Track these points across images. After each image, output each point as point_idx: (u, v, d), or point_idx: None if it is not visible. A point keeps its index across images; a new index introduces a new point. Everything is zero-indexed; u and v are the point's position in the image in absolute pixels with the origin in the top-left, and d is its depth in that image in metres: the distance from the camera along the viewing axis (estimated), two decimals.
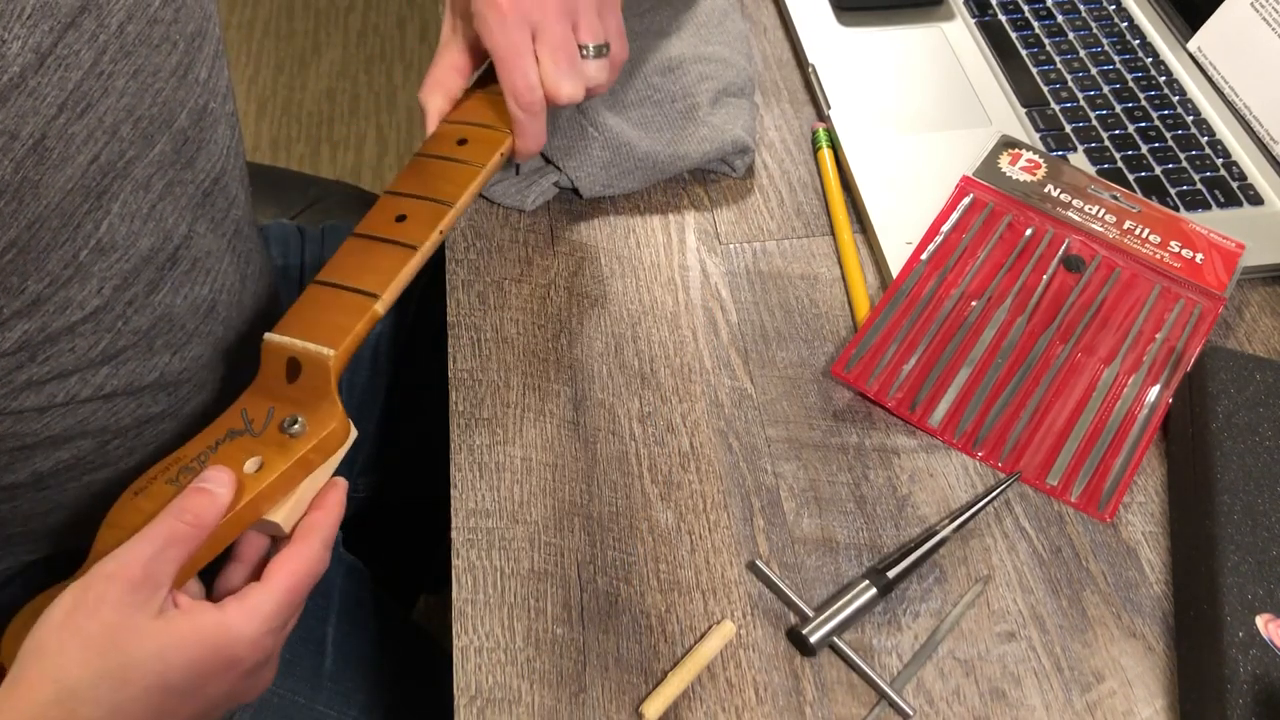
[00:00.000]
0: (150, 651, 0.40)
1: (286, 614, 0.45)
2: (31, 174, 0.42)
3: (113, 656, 0.40)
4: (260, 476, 0.46)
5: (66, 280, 0.47)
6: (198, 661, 0.42)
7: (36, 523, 0.58)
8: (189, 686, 0.42)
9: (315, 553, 0.46)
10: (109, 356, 0.52)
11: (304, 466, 0.48)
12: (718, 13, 0.75)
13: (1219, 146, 0.70)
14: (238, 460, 0.47)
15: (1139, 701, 0.48)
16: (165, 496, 0.45)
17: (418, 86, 0.62)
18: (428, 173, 0.56)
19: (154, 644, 0.41)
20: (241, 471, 0.46)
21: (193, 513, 0.43)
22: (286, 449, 0.47)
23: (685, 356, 0.59)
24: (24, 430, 0.51)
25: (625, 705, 0.47)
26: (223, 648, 0.42)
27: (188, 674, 0.41)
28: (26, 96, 0.41)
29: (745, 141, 0.67)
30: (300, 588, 0.45)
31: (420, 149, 0.58)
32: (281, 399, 0.49)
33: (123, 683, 0.40)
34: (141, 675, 0.40)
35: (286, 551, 0.46)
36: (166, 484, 0.46)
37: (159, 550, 0.42)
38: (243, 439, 0.47)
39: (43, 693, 0.39)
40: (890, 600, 0.51)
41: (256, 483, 0.46)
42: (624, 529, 0.53)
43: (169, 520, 0.43)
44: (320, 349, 0.49)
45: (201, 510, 0.44)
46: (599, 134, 0.65)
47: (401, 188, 0.55)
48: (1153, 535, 0.54)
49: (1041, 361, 0.59)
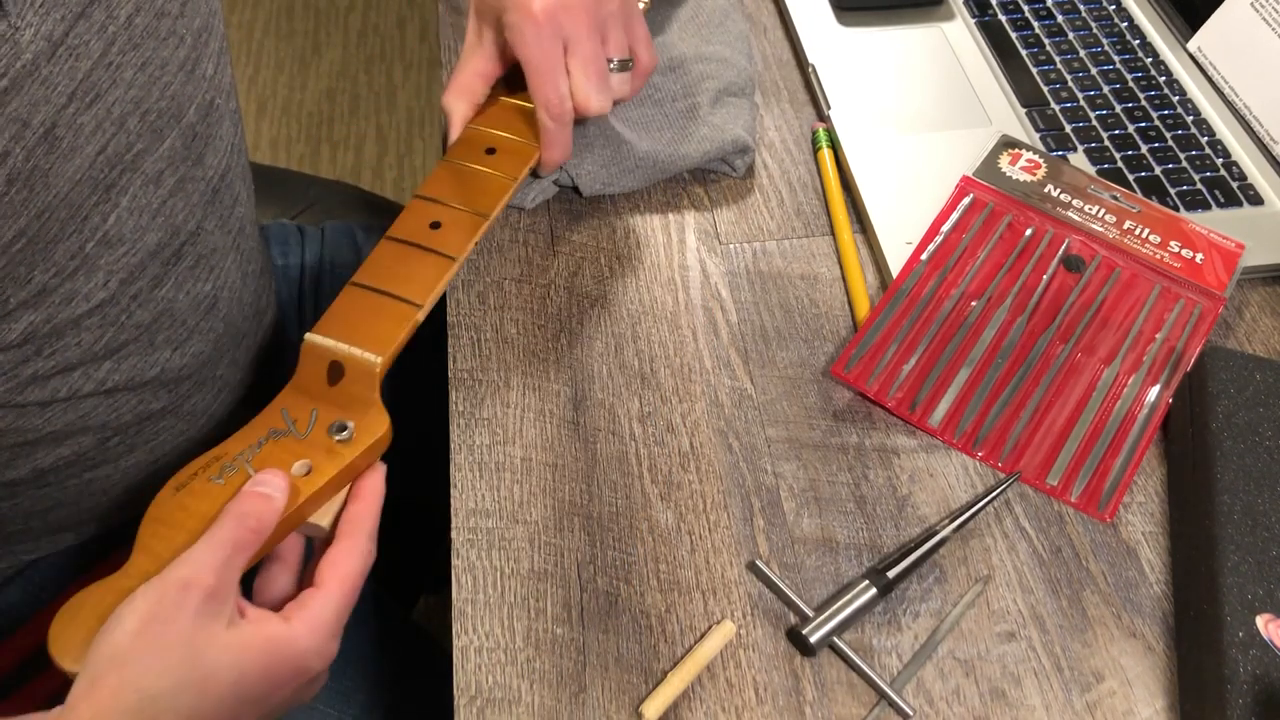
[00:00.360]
0: (226, 662, 0.41)
1: (346, 615, 0.46)
2: (42, 163, 0.42)
3: (193, 667, 0.41)
4: (310, 481, 0.46)
5: (73, 272, 0.47)
6: (270, 670, 0.43)
7: (36, 520, 0.58)
8: (260, 694, 0.43)
9: (364, 548, 0.47)
10: (111, 350, 0.52)
11: (351, 472, 0.48)
12: (719, 12, 0.75)
13: (1219, 146, 0.70)
14: (284, 462, 0.47)
15: (1139, 701, 0.48)
16: (211, 494, 0.45)
17: (418, 86, 0.62)
18: (459, 181, 0.57)
19: (229, 655, 0.41)
20: (290, 474, 0.46)
21: (255, 517, 0.44)
22: (335, 454, 0.47)
23: (685, 356, 0.59)
24: (26, 425, 0.51)
25: (625, 705, 0.47)
26: (292, 658, 0.43)
27: (261, 683, 0.42)
28: (39, 85, 0.41)
29: (746, 141, 0.67)
30: (356, 587, 0.46)
31: (448, 154, 0.59)
32: (323, 401, 0.49)
33: (201, 693, 0.41)
34: (218, 685, 0.41)
35: (336, 551, 0.46)
36: (209, 481, 0.46)
37: (228, 557, 0.43)
38: (287, 440, 0.48)
39: (125, 701, 0.39)
40: (890, 600, 0.51)
41: (307, 486, 0.46)
42: (624, 529, 0.53)
43: (232, 524, 0.43)
44: (367, 355, 0.49)
45: (263, 514, 0.44)
46: (600, 132, 0.65)
47: (433, 193, 0.56)
48: (1153, 535, 0.54)
49: (1041, 361, 0.59)
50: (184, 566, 0.42)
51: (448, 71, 0.74)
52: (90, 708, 0.39)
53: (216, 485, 0.46)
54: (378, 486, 0.49)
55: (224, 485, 0.46)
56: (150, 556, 0.44)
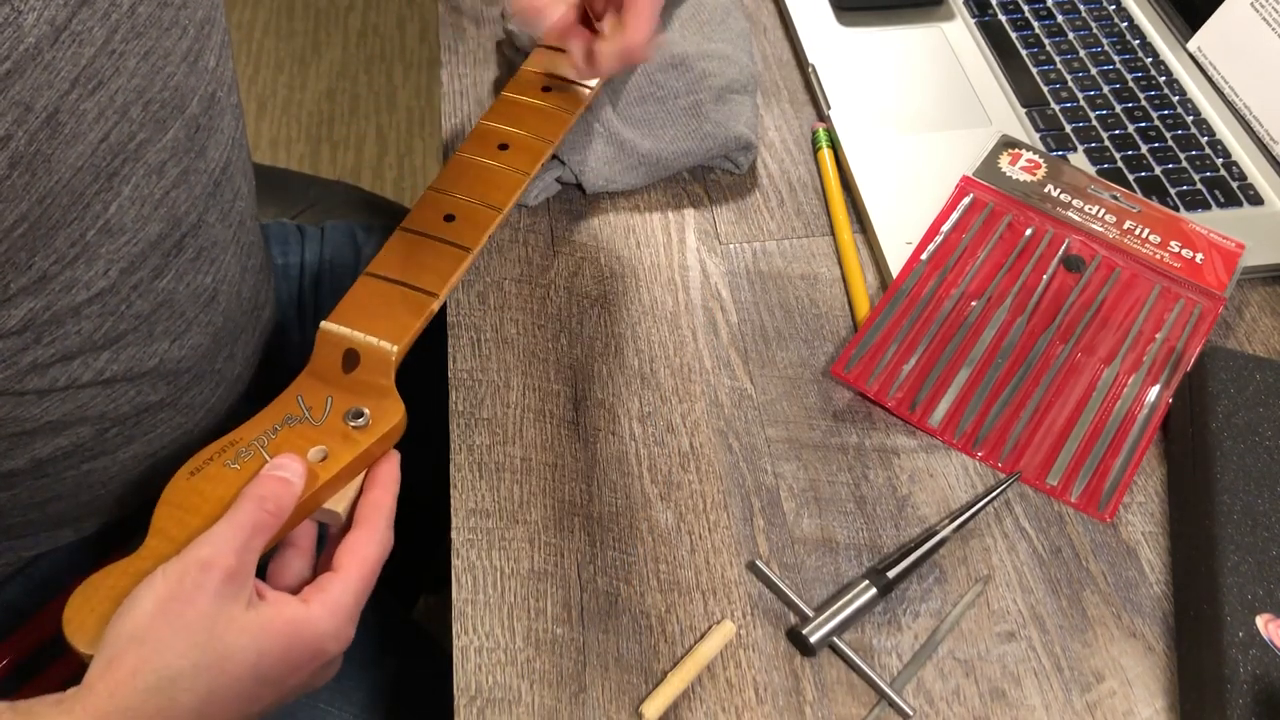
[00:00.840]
0: (245, 644, 0.42)
1: (364, 601, 0.46)
2: (44, 148, 0.43)
3: (212, 648, 0.41)
4: (327, 466, 0.47)
5: (73, 259, 0.47)
6: (288, 652, 0.43)
7: (35, 512, 0.58)
8: (277, 676, 0.43)
9: (382, 535, 0.47)
10: (111, 340, 0.52)
11: (367, 459, 0.49)
12: (720, 10, 0.75)
13: (1219, 146, 0.70)
14: (300, 448, 0.47)
15: (1139, 701, 0.48)
16: (226, 479, 0.46)
17: (418, 86, 0.63)
18: (472, 175, 0.58)
19: (248, 637, 0.42)
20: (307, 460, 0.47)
21: (274, 500, 0.44)
22: (351, 441, 0.48)
23: (685, 356, 0.59)
24: (25, 415, 0.51)
25: (625, 705, 0.47)
26: (310, 641, 0.43)
27: (278, 664, 0.43)
28: (42, 70, 0.41)
29: (748, 138, 0.67)
30: (374, 573, 0.46)
31: (461, 148, 0.60)
32: (339, 388, 0.50)
33: (220, 673, 0.41)
34: (236, 666, 0.41)
35: (355, 537, 0.47)
36: (225, 466, 0.46)
37: (248, 539, 0.43)
38: (302, 426, 0.48)
39: (144, 680, 0.40)
40: (890, 600, 0.51)
41: (324, 472, 0.47)
42: (624, 529, 0.53)
43: (251, 507, 0.44)
44: (383, 344, 0.50)
45: (281, 497, 0.45)
46: (603, 129, 0.65)
47: (447, 186, 0.57)
48: (1153, 535, 0.54)
49: (1041, 361, 0.59)
50: (204, 547, 0.42)
51: (448, 71, 0.74)
52: (107, 686, 0.39)
53: (232, 470, 0.46)
54: (394, 473, 0.49)
55: (239, 470, 0.46)
56: (165, 539, 0.44)
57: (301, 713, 0.63)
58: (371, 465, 0.49)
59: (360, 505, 0.48)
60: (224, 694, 0.41)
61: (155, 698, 0.40)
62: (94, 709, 0.39)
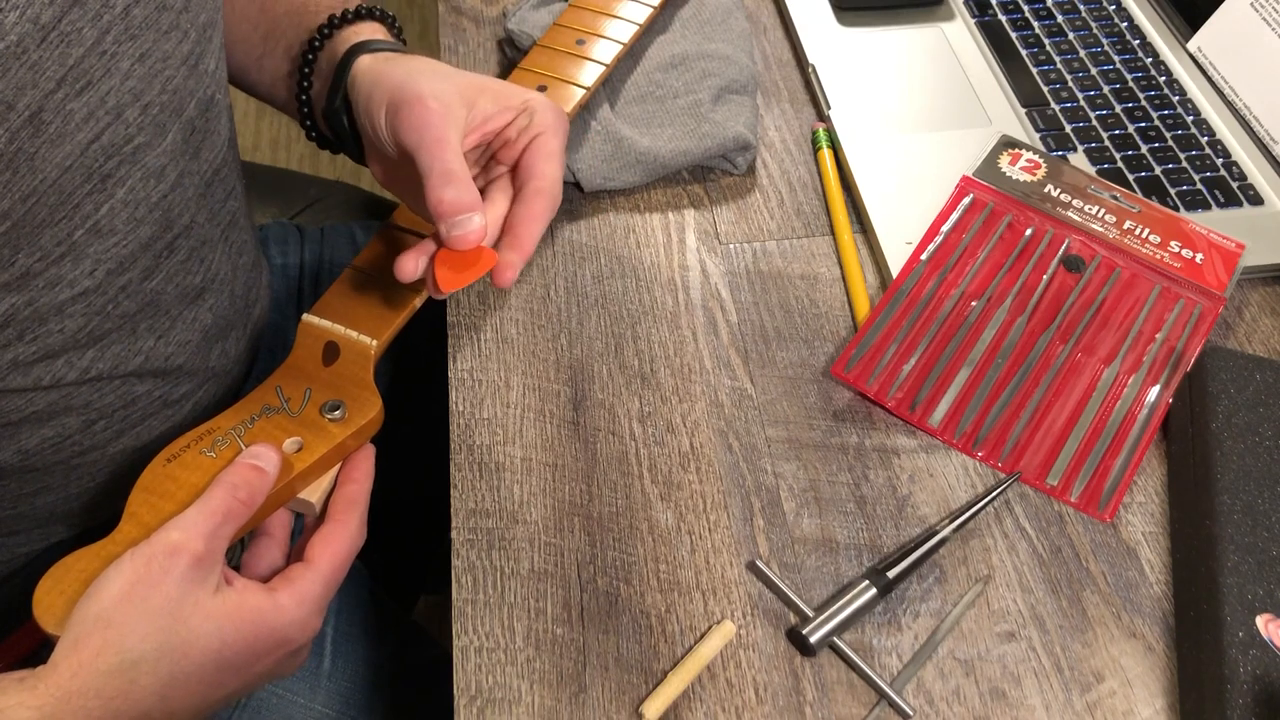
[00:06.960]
0: (209, 630, 0.42)
1: (332, 593, 0.46)
2: (26, 146, 0.42)
3: (176, 632, 0.41)
4: (301, 457, 0.47)
5: (59, 258, 0.47)
6: (253, 640, 0.43)
7: (25, 506, 0.58)
8: (241, 662, 0.43)
9: (354, 529, 0.47)
10: (95, 339, 0.52)
11: (342, 451, 0.49)
12: (721, 10, 0.75)
13: (1219, 146, 0.70)
14: (276, 438, 0.48)
15: (1139, 701, 0.48)
16: (202, 466, 0.46)
17: None
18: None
19: (213, 623, 0.42)
20: (282, 450, 0.47)
21: (246, 488, 0.45)
22: (326, 433, 0.48)
23: (685, 356, 0.59)
24: (8, 407, 0.51)
25: (625, 705, 0.47)
26: (276, 629, 0.44)
27: (242, 651, 0.43)
28: (26, 69, 0.41)
29: (747, 138, 0.67)
30: (343, 566, 0.47)
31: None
32: (318, 381, 0.50)
33: (182, 657, 0.41)
34: (200, 651, 0.42)
35: (327, 530, 0.47)
36: (201, 454, 0.47)
37: (218, 525, 0.43)
38: (279, 417, 0.48)
39: (106, 662, 0.40)
40: (890, 600, 0.51)
41: (299, 462, 0.47)
42: (624, 529, 0.53)
43: (223, 494, 0.44)
44: (363, 338, 0.50)
45: (254, 485, 0.45)
46: (601, 127, 0.65)
47: None
48: (1153, 535, 0.54)
49: (1041, 361, 0.59)
50: (173, 531, 0.42)
51: None
52: (70, 666, 0.40)
53: (208, 458, 0.46)
54: (368, 468, 0.49)
55: (215, 458, 0.46)
56: (138, 525, 0.44)
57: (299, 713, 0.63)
58: (347, 459, 0.49)
59: (334, 499, 0.48)
60: (186, 678, 0.42)
61: (117, 679, 0.40)
62: (56, 687, 0.39)
